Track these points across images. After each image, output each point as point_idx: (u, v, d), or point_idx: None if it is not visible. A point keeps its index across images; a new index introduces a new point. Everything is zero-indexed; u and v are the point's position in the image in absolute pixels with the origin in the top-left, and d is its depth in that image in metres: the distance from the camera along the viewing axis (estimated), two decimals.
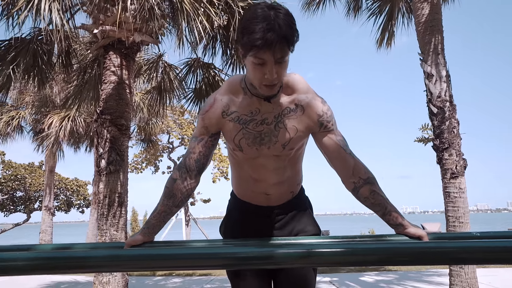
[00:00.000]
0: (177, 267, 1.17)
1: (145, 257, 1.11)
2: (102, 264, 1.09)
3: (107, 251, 1.12)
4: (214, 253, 1.17)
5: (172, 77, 5.90)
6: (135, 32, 4.66)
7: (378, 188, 1.39)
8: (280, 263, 1.08)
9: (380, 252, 1.10)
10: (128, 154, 4.78)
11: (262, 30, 1.15)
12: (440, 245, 1.07)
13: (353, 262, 1.08)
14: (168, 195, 1.41)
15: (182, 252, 1.18)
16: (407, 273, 8.15)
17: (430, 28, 4.84)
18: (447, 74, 4.73)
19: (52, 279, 8.56)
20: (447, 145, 4.56)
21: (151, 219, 1.42)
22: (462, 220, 4.48)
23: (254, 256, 1.13)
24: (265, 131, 1.41)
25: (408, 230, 1.34)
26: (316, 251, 1.08)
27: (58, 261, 1.07)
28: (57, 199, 21.07)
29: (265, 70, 1.23)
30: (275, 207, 1.56)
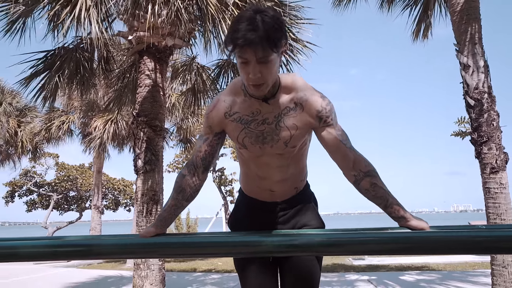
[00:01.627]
0: (184, 255, 1.26)
1: (152, 245, 1.20)
2: (113, 251, 1.20)
3: (119, 240, 1.23)
4: (218, 242, 1.25)
5: (204, 78, 6.06)
6: (167, 36, 4.85)
7: (379, 181, 1.40)
8: (273, 251, 1.13)
9: (375, 241, 1.13)
10: (163, 154, 4.99)
11: (244, 30, 1.21)
12: (434, 235, 1.08)
13: (341, 251, 1.10)
14: (178, 190, 1.49)
15: (188, 241, 1.26)
16: (451, 273, 7.84)
17: (466, 16, 4.63)
18: (485, 65, 4.51)
19: (100, 273, 9.08)
20: (486, 139, 4.35)
21: (163, 212, 1.51)
22: (504, 217, 4.26)
23: (250, 245, 1.19)
24: (266, 130, 1.46)
25: (410, 222, 1.34)
26: (305, 241, 1.12)
27: (76, 248, 1.19)
28: (106, 198, 22.19)
29: (248, 70, 1.27)
30: (279, 203, 1.61)
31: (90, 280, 8.11)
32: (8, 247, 1.11)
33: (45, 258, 1.18)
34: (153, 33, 4.71)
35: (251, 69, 1.27)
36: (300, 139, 1.48)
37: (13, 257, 1.13)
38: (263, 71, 1.28)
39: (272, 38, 1.23)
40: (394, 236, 1.25)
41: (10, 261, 1.11)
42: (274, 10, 1.30)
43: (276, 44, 1.25)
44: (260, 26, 1.21)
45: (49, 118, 12.52)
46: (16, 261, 1.11)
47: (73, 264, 11.21)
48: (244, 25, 1.21)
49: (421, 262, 9.81)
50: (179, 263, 11.07)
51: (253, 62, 1.26)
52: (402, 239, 1.21)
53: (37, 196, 22.00)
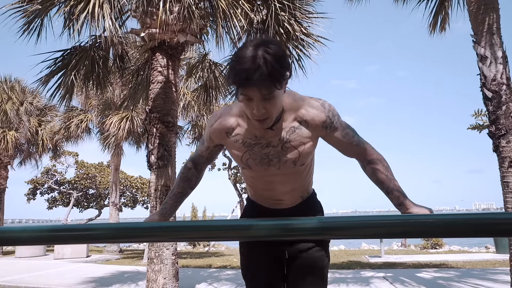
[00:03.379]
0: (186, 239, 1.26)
1: (158, 229, 1.21)
2: (115, 235, 1.21)
3: (120, 224, 1.24)
4: (223, 225, 1.25)
5: (217, 74, 6.08)
6: (179, 33, 4.89)
7: (381, 167, 1.41)
8: (294, 234, 1.12)
9: (371, 225, 1.11)
10: (175, 149, 5.03)
11: (246, 70, 1.16)
12: (431, 218, 1.05)
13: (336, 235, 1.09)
14: (184, 179, 1.57)
15: (180, 225, 1.26)
16: (470, 270, 7.66)
17: (484, 6, 4.52)
18: (503, 55, 4.39)
19: (117, 268, 9.24)
20: (504, 131, 4.23)
21: (168, 200, 1.55)
22: None
23: (258, 228, 1.18)
24: (272, 153, 1.43)
25: (411, 209, 1.33)
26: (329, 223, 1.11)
27: (72, 232, 1.21)
28: (124, 196, 22.55)
29: (253, 106, 1.24)
30: (286, 210, 1.62)
31: (108, 274, 8.27)
32: (11, 231, 1.14)
33: (44, 242, 1.21)
34: (165, 30, 4.76)
35: (255, 105, 1.24)
36: (309, 155, 1.47)
37: (16, 241, 1.16)
38: (267, 107, 1.25)
39: (275, 76, 1.19)
40: (389, 220, 1.22)
41: (14, 244, 1.14)
42: (276, 43, 1.25)
43: (280, 81, 1.21)
44: (263, 64, 1.16)
45: (68, 117, 12.79)
46: (19, 244, 1.14)
47: (92, 260, 11.45)
48: (247, 64, 1.17)
49: (440, 260, 9.64)
50: (195, 259, 11.17)
51: (257, 99, 1.22)
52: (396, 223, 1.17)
53: (58, 193, 22.55)
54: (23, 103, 13.17)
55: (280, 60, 1.21)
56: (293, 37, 4.74)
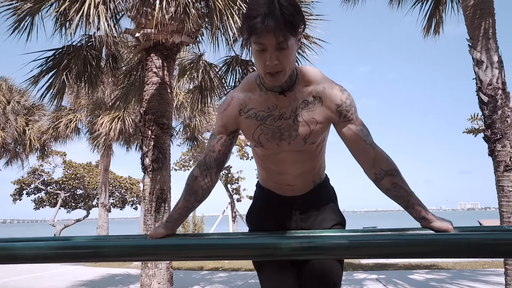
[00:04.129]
0: (196, 258, 1.21)
1: (164, 247, 1.15)
2: (123, 253, 1.16)
3: (129, 241, 1.18)
4: (231, 244, 1.20)
5: (212, 75, 6.01)
6: (174, 33, 4.81)
7: (400, 180, 1.34)
8: (291, 255, 1.08)
9: (397, 244, 1.07)
10: (170, 152, 4.95)
11: (262, 14, 1.14)
12: (458, 237, 1.02)
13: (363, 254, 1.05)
14: (190, 192, 1.44)
15: (202, 243, 1.21)
16: (461, 271, 7.73)
17: (480, 11, 4.54)
18: (499, 60, 4.41)
19: (107, 271, 9.09)
20: (499, 136, 4.26)
21: (173, 213, 1.46)
22: None
23: (265, 247, 1.14)
24: (284, 126, 1.40)
25: (433, 224, 1.28)
26: (330, 243, 1.07)
27: (82, 250, 1.15)
28: (113, 196, 22.30)
29: (265, 57, 1.20)
30: (298, 197, 1.57)
31: (98, 278, 8.13)
32: (12, 248, 1.07)
33: (51, 260, 1.14)
34: (160, 30, 4.67)
35: (268, 56, 1.20)
36: (320, 135, 1.42)
37: (18, 259, 1.09)
38: (280, 58, 1.21)
39: (291, 22, 1.16)
40: (418, 239, 1.18)
41: (15, 262, 1.07)
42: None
43: (296, 27, 1.19)
44: (278, 9, 1.14)
45: (56, 117, 12.57)
46: (21, 263, 1.07)
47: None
48: (262, 9, 1.15)
49: (430, 261, 9.71)
50: (185, 261, 11.07)
51: (271, 48, 1.19)
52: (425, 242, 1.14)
53: (45, 194, 22.17)
54: (10, 101, 12.89)
55: (295, 7, 1.19)
56: None
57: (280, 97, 1.37)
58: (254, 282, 7.17)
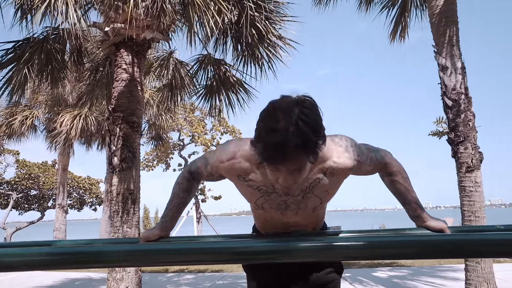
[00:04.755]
0: (195, 262, 1.16)
1: (166, 252, 1.10)
2: (123, 259, 1.09)
3: (128, 246, 1.12)
4: (232, 247, 1.16)
5: (183, 74, 5.90)
6: (146, 29, 4.67)
7: (400, 179, 1.38)
8: (297, 256, 1.06)
9: (400, 245, 1.08)
10: (140, 151, 4.80)
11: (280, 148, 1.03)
12: (462, 238, 1.05)
13: (369, 255, 1.05)
14: (184, 190, 1.45)
15: (199, 247, 1.17)
16: (421, 268, 8.07)
17: (445, 19, 4.75)
18: (462, 66, 4.64)
19: (66, 276, 8.68)
20: (462, 138, 4.48)
21: (167, 212, 1.44)
22: (478, 215, 4.41)
23: (268, 250, 1.11)
24: (291, 201, 1.32)
25: (428, 223, 1.32)
26: (335, 245, 1.06)
27: (79, 256, 1.07)
28: (70, 197, 21.36)
29: (279, 175, 1.13)
30: None
31: (58, 283, 7.74)
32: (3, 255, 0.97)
33: (36, 268, 1.06)
34: (131, 25, 4.52)
35: (282, 176, 1.13)
36: (331, 197, 1.38)
37: (7, 266, 1.00)
38: (295, 177, 1.15)
39: (310, 150, 1.06)
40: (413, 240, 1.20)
41: (6, 270, 0.98)
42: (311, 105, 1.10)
43: (314, 154, 1.08)
44: (298, 138, 1.02)
45: (10, 113, 11.84)
46: (14, 270, 0.98)
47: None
48: (280, 137, 1.02)
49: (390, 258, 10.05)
50: None
51: (286, 172, 1.11)
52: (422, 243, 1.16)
53: None
54: None
55: (316, 129, 1.06)
56: (265, 38, 4.71)
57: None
58: (222, 283, 7.11)
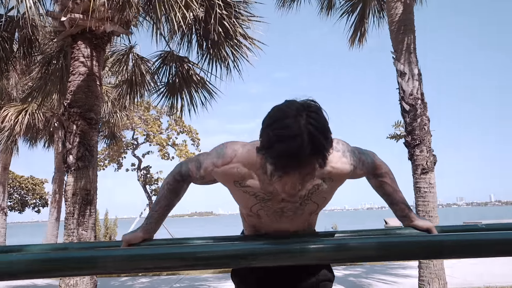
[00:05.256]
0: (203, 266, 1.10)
1: (158, 257, 1.03)
2: (110, 265, 1.00)
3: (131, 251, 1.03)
4: (228, 250, 1.11)
5: (143, 70, 5.69)
6: (106, 21, 4.44)
7: (388, 179, 1.40)
8: (294, 258, 1.04)
9: (396, 246, 1.08)
10: (97, 149, 4.56)
11: (292, 152, 0.99)
12: (462, 238, 1.07)
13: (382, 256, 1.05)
14: (172, 191, 1.38)
15: (196, 251, 1.10)
16: (373, 267, 8.38)
17: (404, 27, 4.96)
18: (419, 73, 4.87)
19: (8, 283, 8.05)
20: (418, 142, 4.70)
21: (153, 213, 1.37)
22: (431, 214, 4.64)
23: (265, 252, 1.08)
24: (288, 207, 1.29)
25: (415, 222, 1.35)
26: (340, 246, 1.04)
27: (58, 263, 0.97)
28: (11, 198, 19.92)
29: (287, 181, 1.08)
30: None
31: None
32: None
33: (18, 276, 0.94)
34: (90, 16, 4.28)
35: (290, 183, 1.08)
36: (327, 203, 1.36)
37: None
38: (304, 183, 1.11)
39: (321, 155, 1.03)
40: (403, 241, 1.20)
41: None
42: (318, 108, 1.07)
43: (324, 159, 1.05)
44: (309, 144, 1.00)
45: None
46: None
47: None
48: (291, 145, 0.99)
49: None
50: None
51: (295, 178, 1.07)
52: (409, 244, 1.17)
53: None
54: None
55: (325, 133, 1.04)
56: (232, 37, 4.65)
57: None
58: (178, 286, 6.94)
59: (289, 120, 1.02)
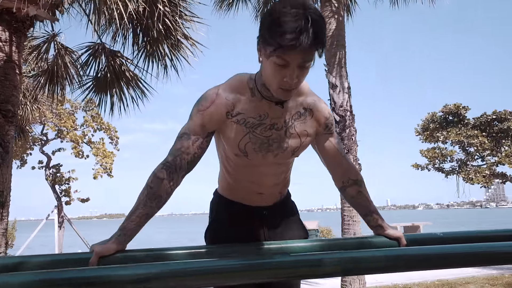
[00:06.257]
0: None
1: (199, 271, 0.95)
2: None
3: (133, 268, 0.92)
4: (221, 266, 1.07)
5: (67, 61, 5.21)
6: (30, 4, 3.99)
7: (364, 190, 1.46)
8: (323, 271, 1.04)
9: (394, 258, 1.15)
10: (13, 145, 4.07)
11: (295, 30, 1.06)
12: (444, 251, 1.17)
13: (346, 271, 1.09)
14: (153, 197, 1.25)
15: (193, 267, 1.04)
16: None
17: (336, 42, 5.27)
18: (348, 86, 5.21)
19: None
20: (346, 151, 5.01)
21: (128, 223, 1.23)
22: (355, 219, 4.99)
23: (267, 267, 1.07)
24: (273, 137, 1.33)
25: (387, 232, 1.43)
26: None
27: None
28: None
29: (286, 73, 1.14)
30: (265, 208, 1.49)
31: None
32: None
33: None
34: None
35: (289, 73, 1.14)
36: (306, 147, 1.41)
37: None
38: (299, 76, 1.16)
39: (322, 42, 1.12)
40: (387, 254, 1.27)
41: None
42: (312, 5, 1.17)
43: (323, 48, 1.15)
44: (310, 26, 1.07)
45: None
46: None
47: None
48: (294, 25, 1.06)
49: None
50: None
51: (295, 65, 1.13)
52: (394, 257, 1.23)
53: None
54: None
55: (324, 25, 1.14)
56: (172, 36, 4.48)
57: (274, 107, 1.30)
58: None
59: (291, 10, 1.08)
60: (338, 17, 5.34)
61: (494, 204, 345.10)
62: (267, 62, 1.16)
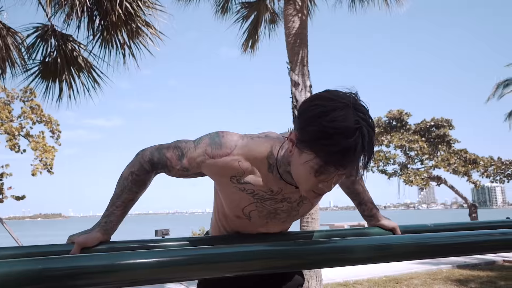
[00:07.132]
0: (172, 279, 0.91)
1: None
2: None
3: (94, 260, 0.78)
4: (220, 253, 0.96)
5: (9, 42, 4.72)
6: None
7: (358, 180, 1.42)
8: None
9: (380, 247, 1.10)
10: None
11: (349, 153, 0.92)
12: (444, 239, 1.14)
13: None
14: (138, 183, 1.16)
15: (188, 254, 0.92)
16: None
17: (299, 40, 5.30)
18: (310, 85, 5.25)
19: None
20: None
21: (113, 209, 1.11)
22: (314, 217, 5.03)
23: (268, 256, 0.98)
24: (283, 208, 1.21)
25: (381, 222, 1.41)
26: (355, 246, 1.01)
27: None
28: None
29: (323, 179, 1.00)
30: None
31: None
32: None
33: None
34: None
35: (327, 180, 1.00)
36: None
37: None
38: (337, 182, 1.04)
39: (371, 158, 0.98)
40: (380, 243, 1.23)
41: None
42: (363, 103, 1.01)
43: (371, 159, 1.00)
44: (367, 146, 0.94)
45: None
46: None
47: None
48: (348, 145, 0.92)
49: None
50: None
51: (337, 178, 1.01)
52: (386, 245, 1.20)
53: None
54: None
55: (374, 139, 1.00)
56: (132, 22, 4.21)
57: (290, 186, 1.16)
58: None
59: (342, 111, 0.94)
60: (302, 15, 5.37)
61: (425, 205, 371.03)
62: (304, 164, 0.99)
